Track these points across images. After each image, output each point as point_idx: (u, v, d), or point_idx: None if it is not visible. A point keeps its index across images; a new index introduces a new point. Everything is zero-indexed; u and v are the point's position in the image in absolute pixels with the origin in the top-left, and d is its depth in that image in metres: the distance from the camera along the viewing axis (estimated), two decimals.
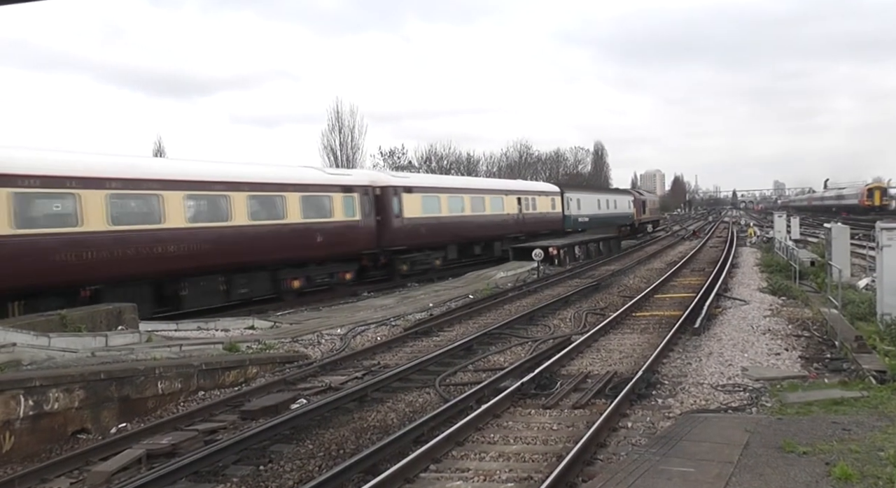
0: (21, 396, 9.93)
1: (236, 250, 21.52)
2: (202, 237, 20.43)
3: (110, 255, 17.95)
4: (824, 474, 7.10)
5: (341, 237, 25.94)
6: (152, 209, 19.21)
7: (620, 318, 18.31)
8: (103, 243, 17.84)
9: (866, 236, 34.94)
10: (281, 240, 23.12)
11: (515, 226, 39.12)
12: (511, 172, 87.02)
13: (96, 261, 17.66)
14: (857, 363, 11.96)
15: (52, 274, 16.77)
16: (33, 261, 16.36)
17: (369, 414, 10.99)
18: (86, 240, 17.48)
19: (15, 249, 16.02)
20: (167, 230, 19.44)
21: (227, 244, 21.22)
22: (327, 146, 61.86)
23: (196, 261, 20.21)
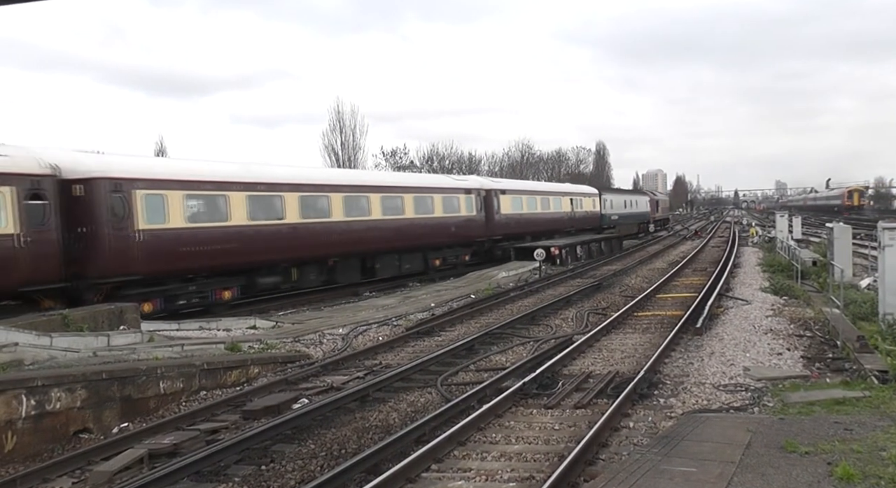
0: (23, 396, 9.95)
1: (405, 237, 29.38)
2: (387, 226, 28.27)
3: (341, 238, 25.63)
4: (826, 474, 7.09)
5: (464, 228, 33.85)
6: (362, 206, 27.25)
7: (622, 318, 18.31)
8: (341, 229, 25.71)
9: (868, 236, 34.93)
10: (430, 230, 31.14)
11: (569, 222, 46.61)
12: (513, 172, 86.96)
13: (336, 242, 25.44)
14: (858, 363, 11.94)
15: (316, 248, 24.63)
16: (308, 239, 24.23)
17: (371, 413, 10.99)
18: (332, 227, 25.34)
19: (296, 232, 23.66)
20: (372, 221, 27.50)
21: (400, 232, 29.02)
22: (328, 146, 61.93)
23: (384, 244, 28.14)
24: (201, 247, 20.13)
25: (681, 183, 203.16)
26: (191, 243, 19.83)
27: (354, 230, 26.28)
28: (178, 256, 19.48)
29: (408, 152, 74.52)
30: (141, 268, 18.49)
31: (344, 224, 25.87)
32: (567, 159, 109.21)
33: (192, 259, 19.93)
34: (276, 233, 22.78)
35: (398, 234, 28.80)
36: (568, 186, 53.84)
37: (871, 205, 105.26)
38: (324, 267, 25.59)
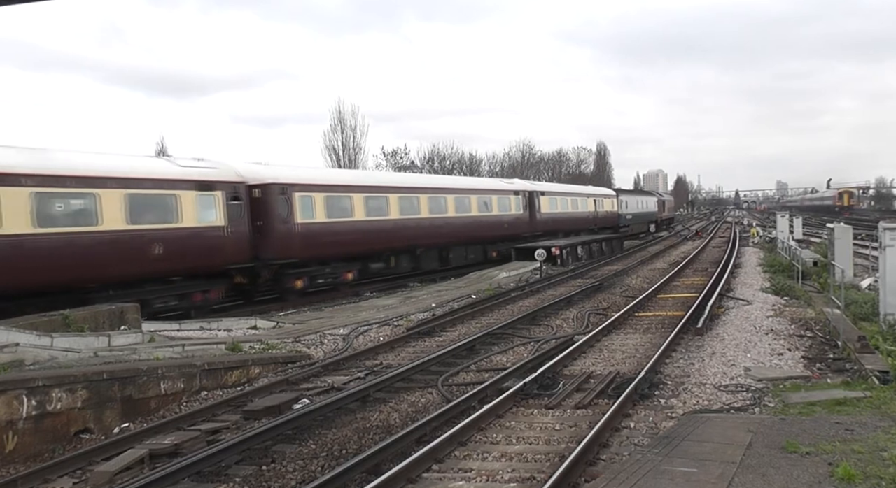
0: (24, 396, 9.95)
1: (471, 231, 34.48)
2: (458, 223, 33.33)
3: (426, 232, 30.53)
4: (827, 474, 7.09)
5: (514, 225, 38.66)
6: (441, 206, 31.98)
7: (623, 318, 18.31)
8: (426, 225, 30.64)
9: (869, 236, 34.91)
10: (489, 226, 36.29)
11: (593, 220, 51.64)
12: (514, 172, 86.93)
13: (422, 235, 30.22)
14: (859, 363, 11.95)
15: (409, 240, 29.47)
16: (404, 233, 28.88)
17: (372, 414, 10.99)
18: (420, 222, 30.10)
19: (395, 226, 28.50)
20: (448, 218, 32.48)
21: (467, 227, 34.12)
22: (329, 146, 62.07)
23: (456, 237, 33.03)
24: (335, 237, 25.33)
25: (681, 183, 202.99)
26: (328, 234, 25.00)
27: (435, 226, 31.38)
28: (321, 245, 24.55)
29: (408, 152, 74.68)
30: (298, 254, 23.53)
31: (427, 220, 30.86)
32: (568, 159, 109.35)
33: (329, 247, 25.03)
34: (382, 227, 27.85)
35: (466, 229, 34.08)
36: (592, 189, 58.85)
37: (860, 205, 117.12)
38: (413, 255, 30.41)
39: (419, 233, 30.11)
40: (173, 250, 19.31)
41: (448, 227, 32.34)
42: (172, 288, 19.88)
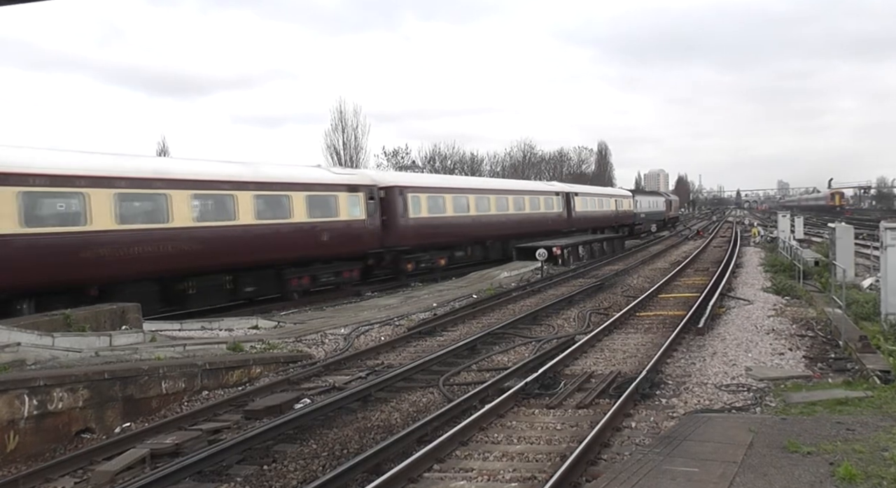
0: (25, 396, 9.95)
1: (525, 226, 39.56)
2: (516, 219, 38.49)
3: (494, 227, 35.98)
4: (828, 474, 7.09)
5: (556, 222, 44.19)
6: (503, 205, 37.52)
7: (624, 318, 18.30)
8: (494, 221, 36.01)
9: (870, 236, 34.89)
10: (538, 222, 41.35)
11: (615, 218, 56.97)
12: (515, 172, 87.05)
13: (492, 229, 35.98)
14: (861, 363, 11.94)
15: (482, 233, 35.22)
16: (479, 227, 34.75)
17: (373, 413, 10.99)
18: (490, 218, 35.76)
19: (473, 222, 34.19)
20: (510, 215, 37.94)
21: (522, 223, 39.19)
22: (330, 146, 62.12)
23: (514, 231, 38.04)
24: (434, 230, 31.10)
25: (683, 183, 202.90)
26: (430, 228, 30.76)
27: (500, 221, 36.90)
28: (425, 236, 30.35)
29: (409, 152, 74.84)
30: (409, 243, 29.35)
31: (495, 217, 36.44)
32: (569, 159, 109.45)
33: (429, 238, 30.69)
34: (464, 222, 33.57)
35: (521, 225, 39.04)
36: (613, 190, 67.13)
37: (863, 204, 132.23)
38: (483, 246, 35.77)
39: (489, 228, 35.91)
40: (333, 238, 25.08)
41: (509, 223, 37.96)
42: (331, 267, 25.50)
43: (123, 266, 17.76)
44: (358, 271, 26.92)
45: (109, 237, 17.45)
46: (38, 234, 16.12)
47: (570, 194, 47.43)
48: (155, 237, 18.70)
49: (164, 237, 18.86)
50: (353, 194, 26.33)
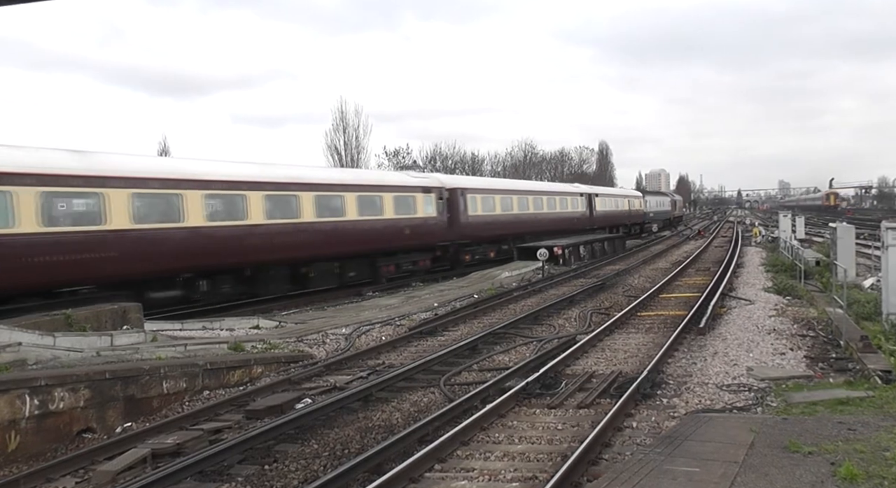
0: (26, 395, 9.96)
1: (557, 224, 43.85)
2: (550, 218, 43.33)
3: (537, 224, 41.02)
4: (829, 474, 7.09)
5: (578, 221, 48.24)
6: (539, 205, 42.18)
7: (625, 318, 18.29)
8: (535, 219, 40.97)
9: (872, 236, 34.87)
10: (564, 221, 45.50)
11: (628, 217, 62.56)
12: (516, 172, 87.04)
13: (528, 226, 40.01)
14: (862, 363, 11.93)
15: (526, 229, 39.64)
16: (522, 224, 39.39)
17: (374, 413, 10.99)
18: (532, 216, 40.76)
19: (517, 219, 38.85)
20: (541, 213, 42.31)
21: (553, 221, 43.61)
22: (331, 146, 62.22)
23: (548, 228, 41.92)
24: (486, 226, 35.58)
25: (684, 183, 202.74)
26: (483, 224, 35.17)
27: (537, 219, 41.62)
28: (479, 231, 34.79)
29: (410, 152, 74.90)
30: (468, 237, 33.83)
31: (531, 215, 41.15)
32: (570, 159, 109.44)
33: (482, 233, 35.24)
34: (508, 219, 38.03)
35: (554, 223, 43.62)
36: (627, 190, 73.69)
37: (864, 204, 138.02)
38: (523, 241, 38.06)
39: (527, 225, 40.22)
40: (412, 232, 29.33)
41: (543, 221, 42.29)
42: (410, 257, 29.89)
43: (268, 253, 22.32)
44: (429, 260, 31.48)
45: (260, 230, 22.01)
46: (216, 227, 20.63)
47: (591, 195, 52.29)
48: (289, 230, 23.17)
49: (295, 230, 23.41)
50: (427, 195, 30.93)
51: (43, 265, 16.11)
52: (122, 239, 17.89)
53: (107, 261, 17.55)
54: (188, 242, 19.71)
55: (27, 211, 15.80)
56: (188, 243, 19.72)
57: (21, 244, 15.71)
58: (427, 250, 31.03)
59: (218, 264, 20.89)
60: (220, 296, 21.62)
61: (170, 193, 19.40)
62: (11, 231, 15.58)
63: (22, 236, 15.75)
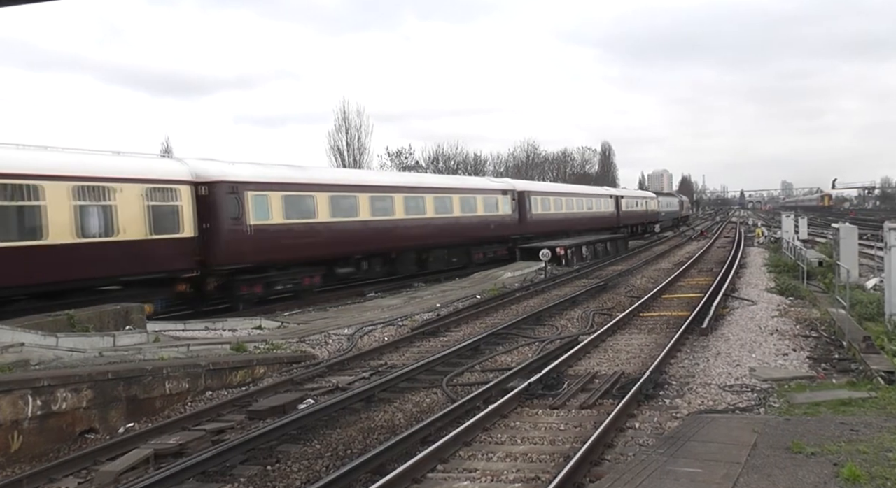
0: (29, 396, 9.97)
1: (590, 223, 50.05)
2: (584, 217, 49.33)
3: (576, 221, 47.20)
4: (832, 475, 7.08)
5: (608, 220, 54.62)
6: (571, 205, 47.36)
7: (628, 318, 18.29)
8: (570, 217, 46.53)
9: (874, 236, 34.81)
10: (597, 220, 52.02)
11: (644, 217, 68.45)
12: (518, 172, 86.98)
13: (575, 223, 46.52)
14: (865, 363, 11.92)
15: (573, 227, 45.60)
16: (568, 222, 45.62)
17: (376, 414, 11.00)
18: (569, 216, 46.63)
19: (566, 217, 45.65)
20: (582, 212, 49.20)
21: (588, 221, 49.90)
22: (334, 146, 62.27)
23: (584, 226, 48.32)
24: (545, 222, 42.13)
25: (686, 183, 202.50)
26: (542, 220, 41.83)
27: (578, 219, 47.96)
28: (540, 226, 41.17)
29: (413, 152, 74.99)
30: (532, 232, 39.83)
31: (575, 214, 47.74)
32: (573, 159, 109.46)
33: (543, 228, 41.33)
34: (558, 217, 44.41)
35: (592, 221, 50.45)
36: (644, 192, 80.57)
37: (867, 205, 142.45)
38: (571, 235, 43.13)
39: (572, 223, 46.32)
40: (495, 227, 36.12)
41: (584, 220, 48.84)
42: (492, 247, 36.06)
43: (405, 241, 29.22)
44: (506, 250, 37.03)
45: (401, 223, 28.88)
46: (377, 220, 27.43)
47: (618, 197, 59.30)
48: (418, 224, 29.99)
49: (422, 224, 30.27)
50: (505, 196, 37.49)
51: (285, 246, 22.96)
52: (325, 229, 24.82)
53: (316, 245, 24.27)
54: (360, 232, 26.62)
55: (276, 207, 22.70)
56: (360, 233, 26.60)
57: (272, 230, 22.47)
58: (504, 242, 37.21)
59: (376, 249, 27.81)
60: (375, 273, 28.41)
61: (350, 196, 26.31)
62: (268, 222, 22.34)
63: (273, 226, 22.56)
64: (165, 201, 19.56)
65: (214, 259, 20.67)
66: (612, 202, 56.41)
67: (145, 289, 19.01)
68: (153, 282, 19.31)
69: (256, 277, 22.16)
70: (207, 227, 20.53)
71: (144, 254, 18.76)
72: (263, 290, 22.62)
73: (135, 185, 18.75)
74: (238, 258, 21.37)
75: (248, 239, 21.53)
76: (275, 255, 22.63)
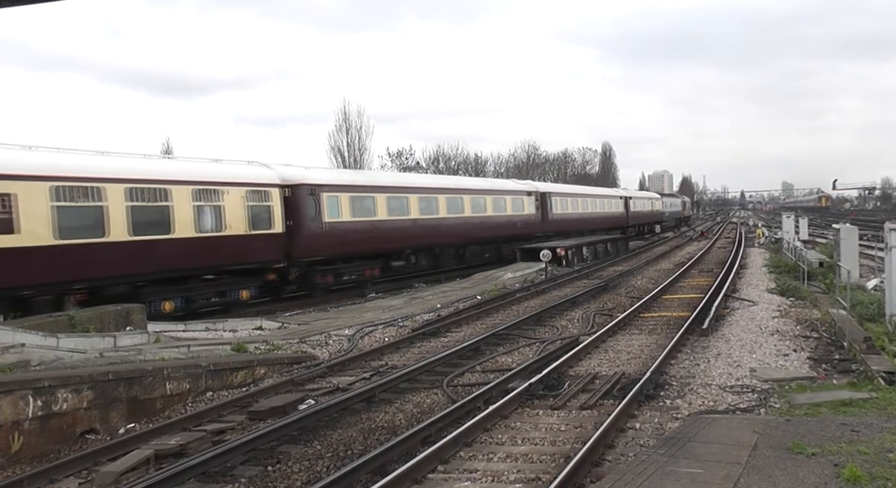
0: (30, 396, 9.97)
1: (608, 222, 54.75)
2: (598, 216, 52.71)
3: (579, 223, 48.31)
4: (833, 475, 7.08)
5: (618, 220, 58.33)
6: (586, 206, 50.95)
7: (628, 319, 18.29)
8: (578, 218, 48.60)
9: (875, 237, 34.80)
10: (611, 219, 55.93)
11: (651, 216, 72.28)
12: (519, 173, 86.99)
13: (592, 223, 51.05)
14: (865, 364, 11.91)
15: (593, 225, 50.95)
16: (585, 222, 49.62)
17: (377, 414, 11.00)
18: (588, 215, 51.02)
19: (581, 217, 49.25)
20: (595, 211, 52.15)
21: (602, 220, 53.60)
22: (335, 147, 62.35)
23: (599, 225, 52.24)
24: (564, 221, 45.52)
25: (687, 183, 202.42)
26: (562, 219, 45.10)
27: (593, 218, 51.39)
28: (560, 225, 44.50)
29: (413, 153, 75.12)
30: (552, 231, 43.08)
31: (590, 214, 51.07)
32: (573, 160, 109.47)
33: (562, 227, 44.63)
34: (574, 217, 47.92)
35: (605, 220, 54.15)
36: (650, 194, 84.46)
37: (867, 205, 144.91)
38: (586, 234, 46.37)
39: (588, 222, 49.94)
40: (522, 225, 39.71)
41: (597, 219, 52.32)
42: (518, 243, 37.79)
43: (447, 237, 32.68)
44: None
45: (443, 221, 32.24)
46: (424, 219, 30.74)
47: (628, 198, 63.23)
48: (457, 222, 33.35)
49: (461, 223, 33.68)
50: (530, 197, 41.12)
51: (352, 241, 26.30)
52: (383, 226, 28.04)
53: (376, 240, 27.48)
54: (410, 229, 29.92)
55: (345, 207, 25.91)
56: (410, 230, 29.92)
57: (342, 227, 25.70)
58: (528, 239, 39.84)
59: (423, 244, 30.95)
60: (421, 267, 31.62)
61: (402, 196, 29.69)
62: (339, 220, 25.51)
63: (343, 223, 25.70)
64: (260, 202, 22.54)
65: (297, 252, 23.63)
66: (622, 203, 60.28)
67: (244, 277, 22.19)
68: (250, 272, 22.34)
69: (328, 268, 25.41)
70: (291, 224, 23.42)
71: (245, 248, 21.72)
72: (334, 280, 25.79)
73: (238, 188, 21.72)
74: (315, 251, 24.51)
75: (323, 234, 24.74)
76: (344, 249, 25.93)
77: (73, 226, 17.25)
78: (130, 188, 18.57)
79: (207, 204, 20.78)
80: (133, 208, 18.56)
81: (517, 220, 38.99)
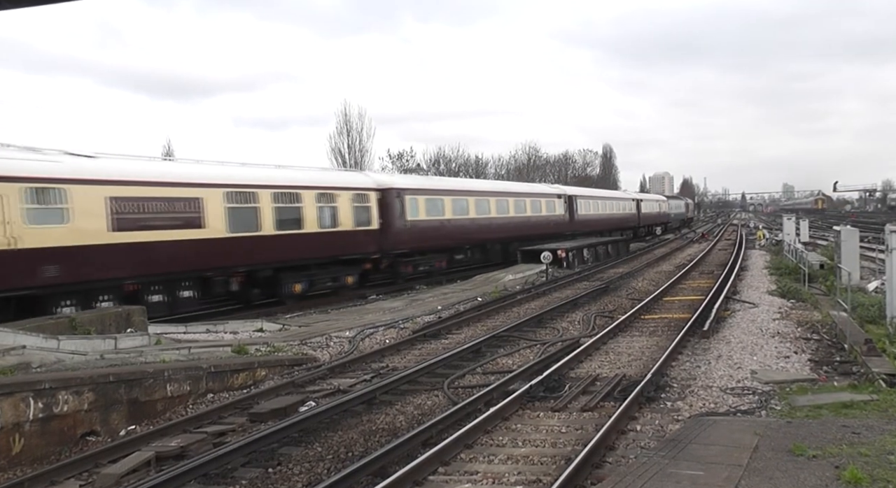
0: (30, 398, 9.98)
1: (617, 223, 57.94)
2: (612, 217, 57.56)
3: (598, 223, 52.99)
4: (834, 477, 7.07)
5: (630, 220, 63.09)
6: (604, 207, 56.38)
7: (629, 321, 18.28)
8: (597, 219, 53.54)
9: (876, 239, 34.78)
10: (622, 220, 59.95)
11: (658, 217, 76.26)
12: (519, 175, 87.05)
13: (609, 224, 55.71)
14: (866, 366, 11.91)
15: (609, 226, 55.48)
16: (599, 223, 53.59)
17: (378, 416, 11.00)
18: (605, 216, 56.20)
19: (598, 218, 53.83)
20: (609, 212, 57.04)
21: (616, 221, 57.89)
22: (335, 149, 62.46)
23: (613, 226, 56.55)
24: (588, 221, 49.90)
25: (688, 185, 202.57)
26: (586, 220, 49.61)
27: (609, 219, 55.59)
28: (584, 225, 48.96)
29: (414, 155, 75.23)
30: (578, 230, 46.91)
31: (607, 215, 55.58)
32: (574, 162, 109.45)
33: (586, 227, 48.79)
34: (594, 218, 51.96)
35: (620, 221, 58.67)
36: (658, 196, 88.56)
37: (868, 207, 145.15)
38: (604, 234, 50.01)
39: (605, 223, 54.14)
40: (554, 225, 44.30)
41: (613, 220, 56.79)
42: (549, 241, 39.10)
43: (495, 234, 37.19)
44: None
45: (493, 220, 36.71)
46: (480, 218, 35.43)
47: (638, 201, 67.98)
48: (503, 221, 37.83)
49: (506, 221, 38.09)
50: (559, 199, 45.60)
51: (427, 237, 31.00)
52: (449, 224, 32.75)
53: (444, 237, 32.23)
54: (469, 227, 34.58)
55: (422, 207, 30.62)
56: (469, 227, 34.58)
57: (420, 225, 30.51)
58: (557, 237, 42.72)
59: (477, 240, 35.80)
60: (475, 260, 35.99)
61: (463, 198, 34.26)
62: (418, 218, 30.27)
63: (421, 221, 30.59)
64: (362, 203, 27.21)
65: (387, 245, 28.28)
66: (634, 205, 65.89)
67: (349, 266, 26.49)
68: (353, 261, 26.73)
69: (409, 260, 30.04)
70: (382, 222, 28.04)
71: (352, 241, 26.43)
72: (412, 270, 30.35)
73: (347, 192, 26.54)
74: (400, 245, 29.22)
75: (406, 230, 29.50)
76: (421, 244, 30.60)
77: (238, 223, 21.70)
78: (275, 193, 23.22)
79: (326, 205, 25.43)
80: (277, 209, 23.13)
81: (550, 220, 43.64)
